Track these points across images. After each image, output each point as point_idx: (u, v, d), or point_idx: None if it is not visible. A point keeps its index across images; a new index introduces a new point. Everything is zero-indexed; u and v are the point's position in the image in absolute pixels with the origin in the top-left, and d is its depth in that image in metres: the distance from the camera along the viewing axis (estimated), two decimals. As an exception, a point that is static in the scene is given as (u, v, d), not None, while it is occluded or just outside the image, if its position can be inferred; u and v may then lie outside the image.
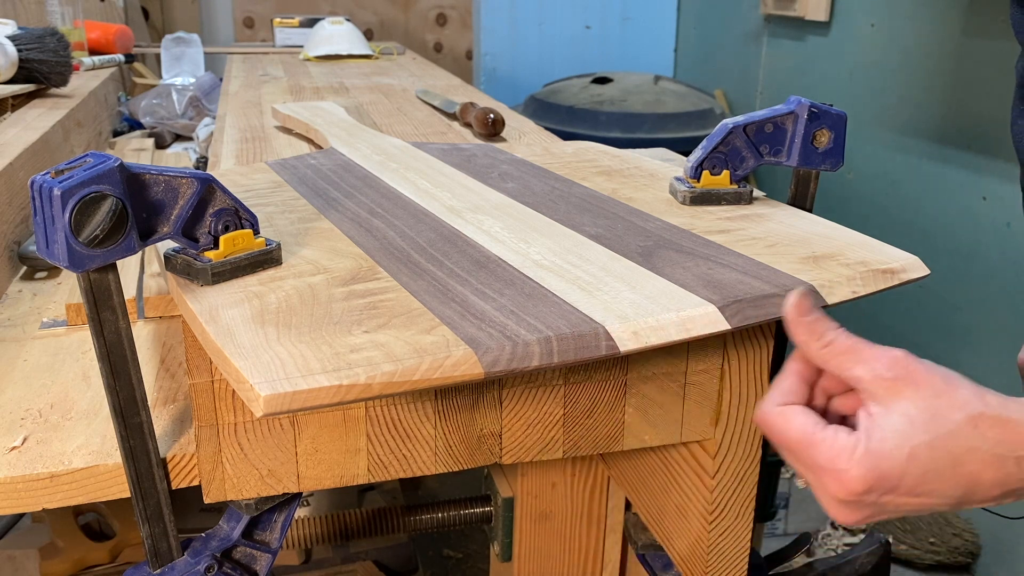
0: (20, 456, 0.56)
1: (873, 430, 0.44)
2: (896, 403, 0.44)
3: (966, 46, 1.78)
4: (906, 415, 0.44)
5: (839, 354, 0.46)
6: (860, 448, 0.44)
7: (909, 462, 0.43)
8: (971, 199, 1.79)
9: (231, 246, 0.52)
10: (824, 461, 0.44)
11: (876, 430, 0.44)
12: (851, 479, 0.44)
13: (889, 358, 0.45)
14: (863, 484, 0.44)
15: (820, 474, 0.45)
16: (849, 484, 0.44)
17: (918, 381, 0.44)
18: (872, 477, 0.43)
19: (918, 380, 0.44)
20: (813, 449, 0.45)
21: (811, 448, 0.45)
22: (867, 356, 0.45)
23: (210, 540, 0.58)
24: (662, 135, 2.28)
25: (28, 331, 0.76)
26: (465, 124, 1.17)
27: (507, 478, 0.81)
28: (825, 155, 0.65)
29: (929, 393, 0.44)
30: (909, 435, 0.43)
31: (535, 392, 0.57)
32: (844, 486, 0.44)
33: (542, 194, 0.70)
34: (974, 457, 0.43)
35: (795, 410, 0.47)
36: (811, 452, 0.45)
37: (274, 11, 3.52)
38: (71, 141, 1.26)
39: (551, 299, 0.49)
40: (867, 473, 0.43)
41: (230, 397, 0.52)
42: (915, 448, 0.43)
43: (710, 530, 0.63)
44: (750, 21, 2.63)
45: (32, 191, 0.45)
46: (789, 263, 0.54)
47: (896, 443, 0.43)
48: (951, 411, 0.43)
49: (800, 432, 0.46)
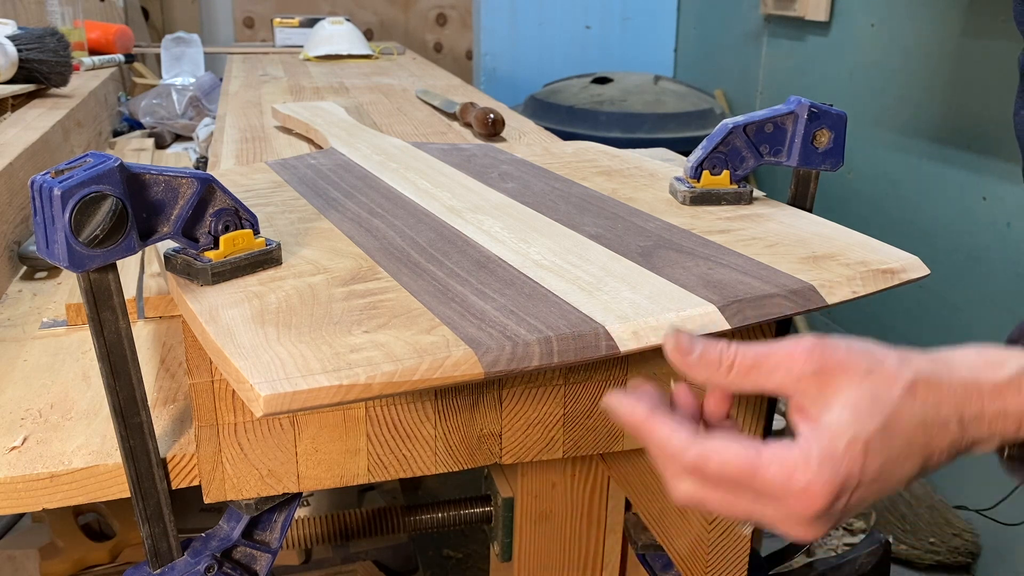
0: (20, 456, 0.56)
1: (820, 432, 0.40)
2: (832, 395, 0.41)
3: (966, 46, 1.78)
4: (847, 405, 0.41)
5: (748, 372, 0.42)
6: (814, 458, 0.40)
7: (867, 455, 0.40)
8: (971, 199, 1.79)
9: (231, 246, 0.52)
10: (779, 485, 0.40)
11: (824, 431, 0.40)
12: (815, 493, 0.40)
13: (803, 352, 0.41)
14: (828, 496, 0.40)
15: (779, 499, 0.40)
16: (815, 499, 0.40)
17: (843, 366, 0.41)
18: (835, 485, 0.40)
19: (842, 365, 0.41)
20: (762, 474, 0.40)
21: (759, 473, 0.40)
22: (779, 361, 0.42)
23: (210, 540, 0.58)
24: (662, 135, 2.28)
25: (28, 331, 0.76)
26: (465, 124, 1.17)
27: (507, 478, 0.81)
28: (825, 155, 0.65)
29: (859, 375, 0.41)
30: (858, 428, 0.40)
31: (535, 392, 0.57)
32: (810, 502, 0.40)
33: (542, 194, 0.70)
34: (924, 430, 0.41)
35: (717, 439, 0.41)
36: (761, 478, 0.40)
37: (274, 11, 3.52)
38: (71, 141, 1.26)
39: (551, 299, 0.49)
40: (830, 482, 0.40)
41: (230, 397, 0.52)
42: (868, 440, 0.40)
43: (710, 530, 0.63)
44: (750, 21, 2.63)
45: (32, 191, 0.45)
46: (789, 263, 0.54)
47: (849, 439, 0.40)
48: (888, 387, 0.41)
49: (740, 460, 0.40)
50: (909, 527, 1.86)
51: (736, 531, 0.64)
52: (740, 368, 0.42)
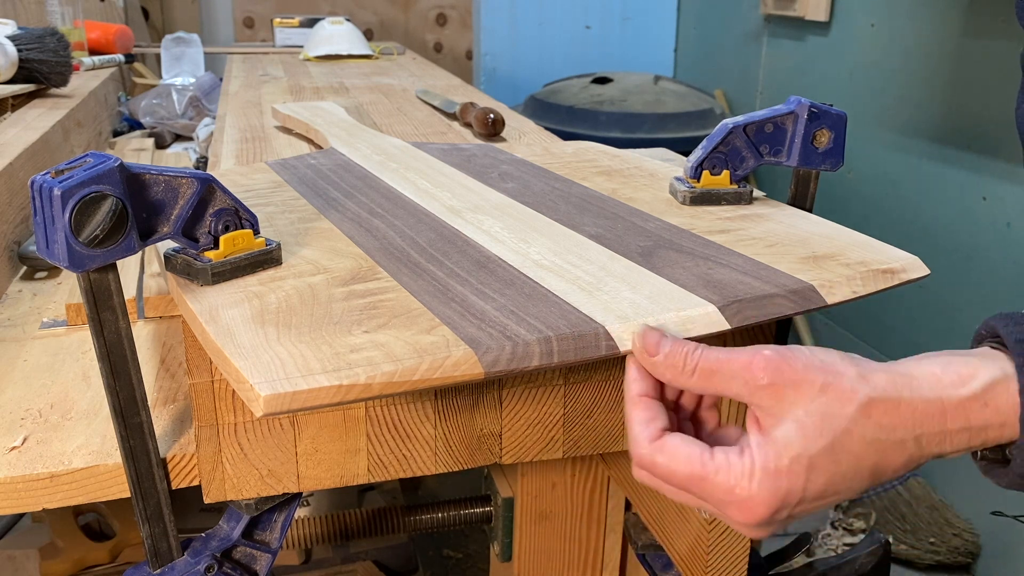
0: (20, 456, 0.56)
1: (767, 447, 0.41)
2: (784, 410, 0.41)
3: (966, 46, 1.78)
4: (796, 422, 0.41)
5: (709, 377, 0.43)
6: (757, 471, 0.41)
7: (810, 473, 0.41)
8: (971, 199, 1.79)
9: (231, 246, 0.52)
10: (722, 493, 0.41)
11: (770, 446, 0.41)
12: (755, 506, 0.41)
13: (760, 363, 0.42)
14: (768, 509, 0.41)
15: (721, 506, 0.42)
16: (754, 511, 0.41)
17: (797, 381, 0.41)
18: (776, 499, 0.41)
19: (796, 380, 0.41)
20: (707, 483, 0.42)
21: (704, 482, 0.42)
22: (737, 369, 0.42)
23: (210, 540, 0.59)
24: (662, 135, 2.28)
25: (28, 331, 0.76)
26: (465, 124, 1.17)
27: (507, 478, 0.81)
28: (825, 155, 0.65)
29: (813, 391, 0.41)
30: (804, 445, 0.41)
31: (535, 392, 0.57)
32: (750, 513, 0.41)
33: (542, 194, 0.70)
34: (874, 449, 0.42)
35: (673, 442, 0.43)
36: (705, 486, 0.42)
37: (274, 11, 3.52)
38: (71, 141, 1.26)
39: (551, 299, 0.49)
40: (770, 497, 0.41)
41: (230, 397, 0.52)
42: (813, 458, 0.41)
43: (710, 530, 0.63)
44: (750, 21, 2.63)
45: (32, 191, 0.45)
46: (789, 263, 0.54)
47: (792, 456, 0.41)
48: (841, 405, 0.41)
49: (687, 467, 0.42)
50: (909, 527, 1.86)
51: (735, 531, 0.64)
52: (701, 373, 0.43)
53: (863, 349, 2.12)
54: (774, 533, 0.43)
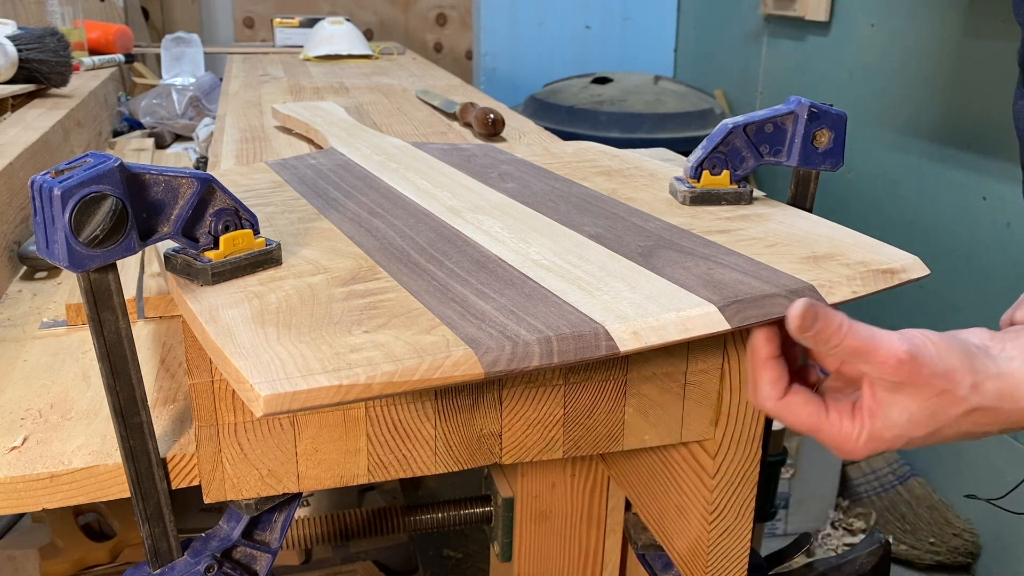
0: (20, 456, 0.56)
1: (877, 420, 0.50)
2: (901, 400, 0.49)
3: (966, 46, 1.78)
4: (908, 411, 0.49)
5: (848, 354, 0.49)
6: (863, 436, 0.50)
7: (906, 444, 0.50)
8: (971, 199, 1.79)
9: (231, 246, 0.52)
10: (832, 445, 0.51)
11: (879, 420, 0.50)
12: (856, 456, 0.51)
13: (893, 363, 0.48)
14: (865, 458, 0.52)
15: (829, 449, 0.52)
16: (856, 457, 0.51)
17: (920, 384, 0.48)
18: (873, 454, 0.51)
19: (920, 383, 0.48)
20: (821, 435, 0.51)
21: (819, 434, 0.52)
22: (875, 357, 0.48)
23: (210, 540, 0.58)
24: (662, 135, 2.28)
25: (28, 331, 0.76)
26: (465, 124, 1.17)
27: (507, 478, 0.81)
28: (825, 155, 0.65)
29: (930, 394, 0.48)
30: (908, 430, 0.49)
31: (535, 392, 0.57)
32: (849, 458, 0.52)
33: (542, 194, 0.70)
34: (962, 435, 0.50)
35: (796, 401, 0.52)
36: (820, 437, 0.52)
37: (274, 11, 3.53)
38: (71, 141, 1.26)
39: (551, 299, 0.49)
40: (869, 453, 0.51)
41: (230, 397, 0.52)
42: (912, 439, 0.50)
43: (710, 530, 0.63)
44: (750, 21, 2.63)
45: (32, 191, 0.45)
46: (789, 263, 0.54)
47: (896, 435, 0.50)
48: (949, 407, 0.49)
49: (807, 423, 0.52)
50: (909, 527, 1.86)
51: (735, 530, 0.64)
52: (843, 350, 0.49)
53: (863, 349, 2.12)
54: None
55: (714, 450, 0.61)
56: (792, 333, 0.49)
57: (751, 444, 0.62)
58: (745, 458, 0.62)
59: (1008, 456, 1.70)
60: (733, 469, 0.62)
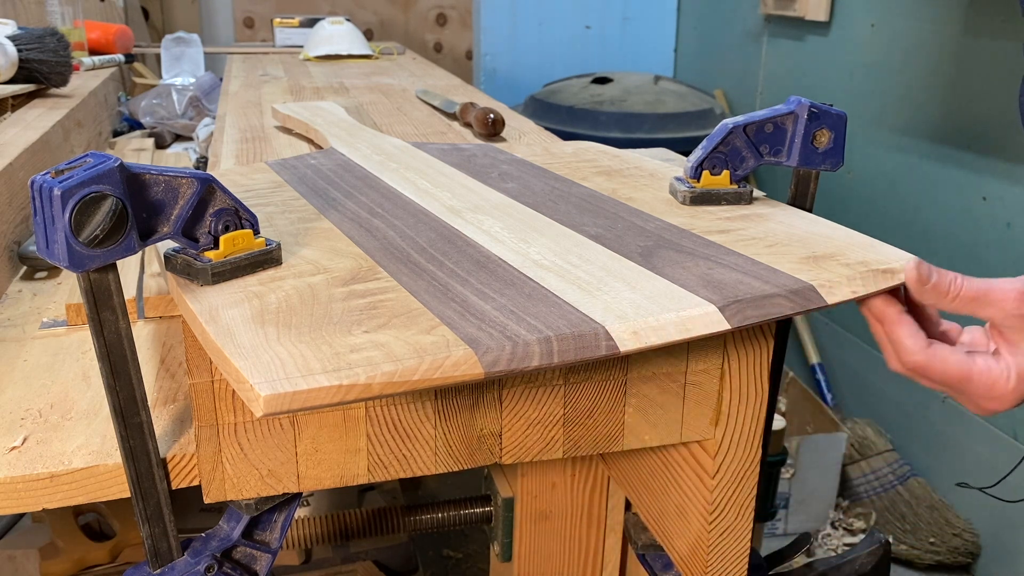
0: (20, 456, 0.56)
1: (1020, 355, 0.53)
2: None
3: (966, 46, 1.78)
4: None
5: (968, 302, 0.52)
6: (1012, 376, 0.53)
7: None
8: (971, 199, 1.79)
9: (231, 246, 0.52)
10: (984, 389, 0.54)
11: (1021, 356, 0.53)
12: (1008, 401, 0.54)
13: (1016, 295, 0.52)
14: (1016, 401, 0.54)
15: (980, 400, 0.54)
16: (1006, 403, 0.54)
17: None
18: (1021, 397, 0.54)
19: None
20: (972, 383, 0.53)
21: (970, 382, 0.53)
22: (994, 299, 0.52)
23: (210, 540, 0.58)
24: (662, 135, 2.28)
25: (28, 331, 0.76)
26: (465, 124, 1.17)
27: (507, 478, 0.81)
28: (825, 155, 0.65)
29: None
30: None
31: (535, 392, 0.57)
32: (1002, 404, 0.54)
33: (542, 194, 0.70)
34: None
35: (944, 351, 0.54)
36: (970, 385, 0.54)
37: (274, 11, 3.53)
38: (71, 141, 1.26)
39: (551, 299, 0.49)
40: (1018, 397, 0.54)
41: (230, 397, 0.52)
42: None
43: (710, 530, 0.63)
44: (750, 21, 2.63)
45: (32, 191, 0.45)
46: (789, 263, 0.54)
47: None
48: None
49: (957, 369, 0.53)
50: (909, 527, 1.86)
51: (735, 530, 0.64)
52: (963, 299, 0.52)
53: (863, 349, 2.12)
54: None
55: (714, 450, 0.61)
56: (911, 288, 0.52)
57: (751, 444, 0.62)
58: (745, 458, 0.62)
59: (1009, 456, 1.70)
60: (733, 469, 0.62)
